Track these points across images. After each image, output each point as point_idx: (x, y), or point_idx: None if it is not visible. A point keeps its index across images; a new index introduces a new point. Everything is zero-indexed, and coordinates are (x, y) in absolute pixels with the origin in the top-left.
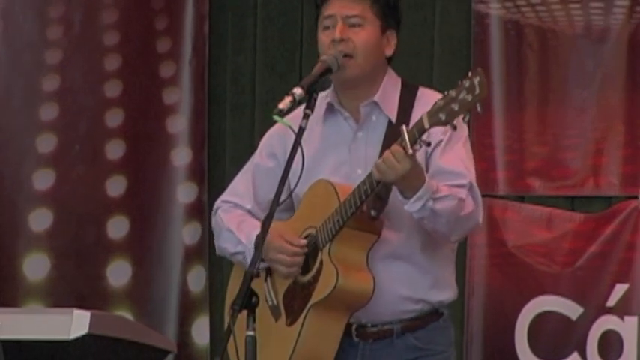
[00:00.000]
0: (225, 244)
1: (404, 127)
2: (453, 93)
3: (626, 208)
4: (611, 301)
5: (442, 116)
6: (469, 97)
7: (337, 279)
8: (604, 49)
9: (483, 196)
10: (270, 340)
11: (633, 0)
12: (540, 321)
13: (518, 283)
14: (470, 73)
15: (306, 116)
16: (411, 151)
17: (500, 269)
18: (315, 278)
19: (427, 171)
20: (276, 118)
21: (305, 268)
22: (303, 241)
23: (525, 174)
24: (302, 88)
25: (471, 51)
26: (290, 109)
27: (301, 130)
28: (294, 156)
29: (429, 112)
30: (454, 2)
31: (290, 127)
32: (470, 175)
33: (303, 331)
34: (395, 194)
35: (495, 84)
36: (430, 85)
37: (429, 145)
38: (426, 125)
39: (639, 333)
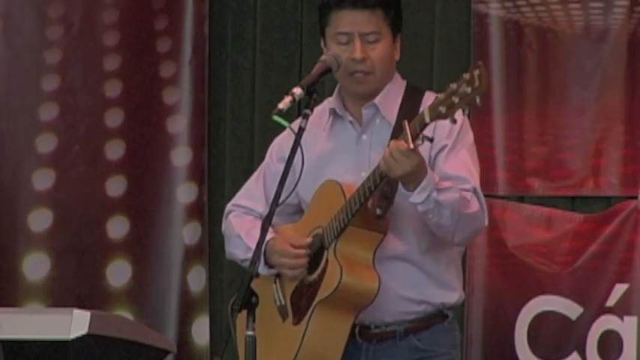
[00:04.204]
0: (234, 250)
1: (406, 122)
2: (454, 86)
3: (626, 208)
4: (611, 301)
5: (442, 109)
6: (468, 90)
7: (341, 276)
8: (603, 49)
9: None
10: (277, 340)
11: (633, 0)
12: (540, 321)
13: (518, 283)
14: (472, 67)
15: (305, 116)
16: (412, 146)
17: (500, 269)
18: (321, 277)
19: None
20: (275, 118)
21: (313, 267)
22: (308, 240)
23: (525, 174)
24: (302, 88)
25: (470, 51)
26: (290, 109)
27: (301, 130)
28: (293, 156)
29: (430, 106)
30: (454, 2)
31: (290, 127)
32: (473, 179)
33: (308, 329)
34: (400, 195)
35: (495, 84)
36: (430, 85)
37: (431, 140)
38: (427, 119)
39: (639, 333)
